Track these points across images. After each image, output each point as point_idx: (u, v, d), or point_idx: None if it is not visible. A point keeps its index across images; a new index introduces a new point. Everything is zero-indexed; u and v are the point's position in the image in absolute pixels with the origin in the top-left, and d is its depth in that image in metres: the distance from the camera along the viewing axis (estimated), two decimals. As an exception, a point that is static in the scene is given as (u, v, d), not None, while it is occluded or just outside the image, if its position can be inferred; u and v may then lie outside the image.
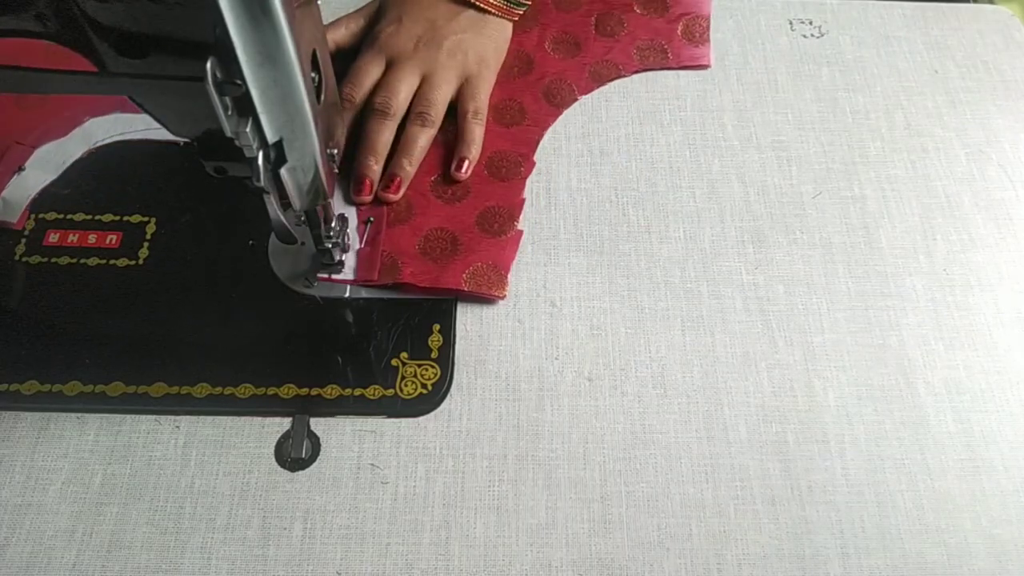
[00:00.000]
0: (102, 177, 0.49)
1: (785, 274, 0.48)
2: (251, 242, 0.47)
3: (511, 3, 0.54)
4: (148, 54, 0.29)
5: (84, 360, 0.43)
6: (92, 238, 0.47)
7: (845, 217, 0.50)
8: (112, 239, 0.47)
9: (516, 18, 0.55)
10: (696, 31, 0.57)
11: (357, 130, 0.50)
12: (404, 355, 0.44)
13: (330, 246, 0.44)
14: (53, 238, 0.47)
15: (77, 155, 0.50)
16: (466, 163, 0.50)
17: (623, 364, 0.45)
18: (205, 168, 0.34)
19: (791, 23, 0.59)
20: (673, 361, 0.45)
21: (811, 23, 0.59)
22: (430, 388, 0.44)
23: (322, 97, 0.34)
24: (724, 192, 0.51)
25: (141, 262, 0.46)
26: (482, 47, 0.53)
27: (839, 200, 0.51)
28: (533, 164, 0.51)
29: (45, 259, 0.46)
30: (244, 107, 0.30)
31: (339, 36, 0.54)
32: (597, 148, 0.53)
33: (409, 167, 0.49)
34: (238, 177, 0.34)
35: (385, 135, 0.49)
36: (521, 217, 0.49)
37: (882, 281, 0.48)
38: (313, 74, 0.33)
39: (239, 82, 0.28)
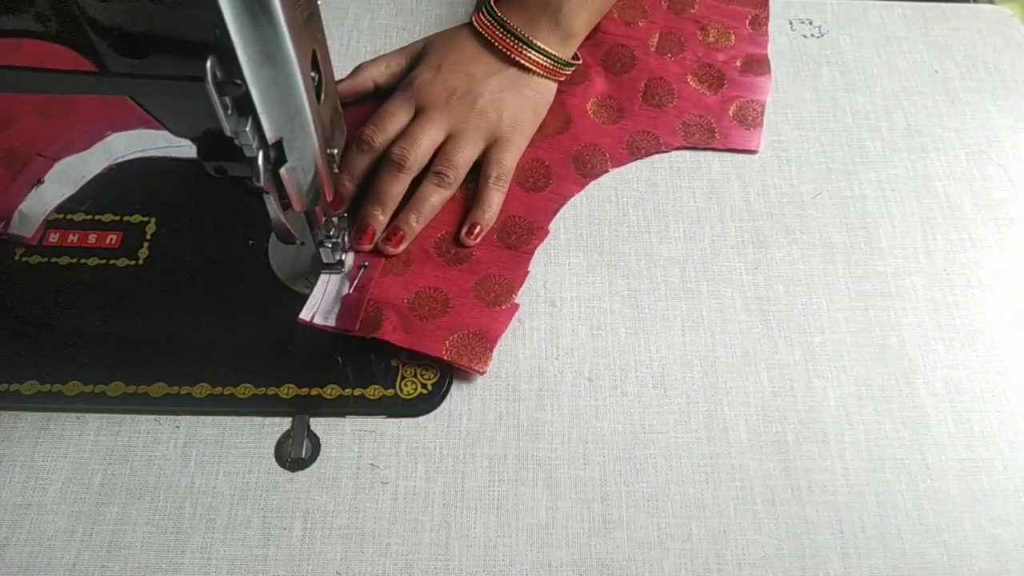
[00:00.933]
0: (118, 190, 0.49)
1: (785, 274, 0.48)
2: (251, 242, 0.47)
3: (558, 63, 0.51)
4: (148, 54, 0.29)
5: (84, 360, 0.43)
6: (92, 238, 0.47)
7: (845, 217, 0.50)
8: (112, 239, 0.47)
9: (563, 79, 0.52)
10: (749, 115, 0.54)
11: (370, 176, 0.48)
12: (404, 355, 0.44)
13: (330, 245, 0.44)
14: (53, 238, 0.47)
15: (97, 170, 0.49)
16: (477, 229, 0.47)
17: (623, 364, 0.45)
18: (205, 168, 0.34)
19: (791, 23, 0.59)
20: (673, 361, 0.45)
21: (811, 23, 0.59)
22: (430, 388, 0.44)
23: (322, 97, 0.34)
24: (724, 192, 0.51)
25: (141, 262, 0.46)
26: (519, 108, 0.50)
27: (839, 200, 0.51)
28: (546, 234, 0.49)
29: (45, 259, 0.46)
30: (244, 107, 0.30)
31: (378, 74, 0.52)
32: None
33: (416, 224, 0.47)
34: (238, 177, 0.34)
35: (396, 188, 0.47)
36: (521, 291, 0.47)
37: (882, 281, 0.48)
38: (313, 74, 0.33)
39: (239, 82, 0.28)
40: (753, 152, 0.52)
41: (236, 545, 0.40)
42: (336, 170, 0.39)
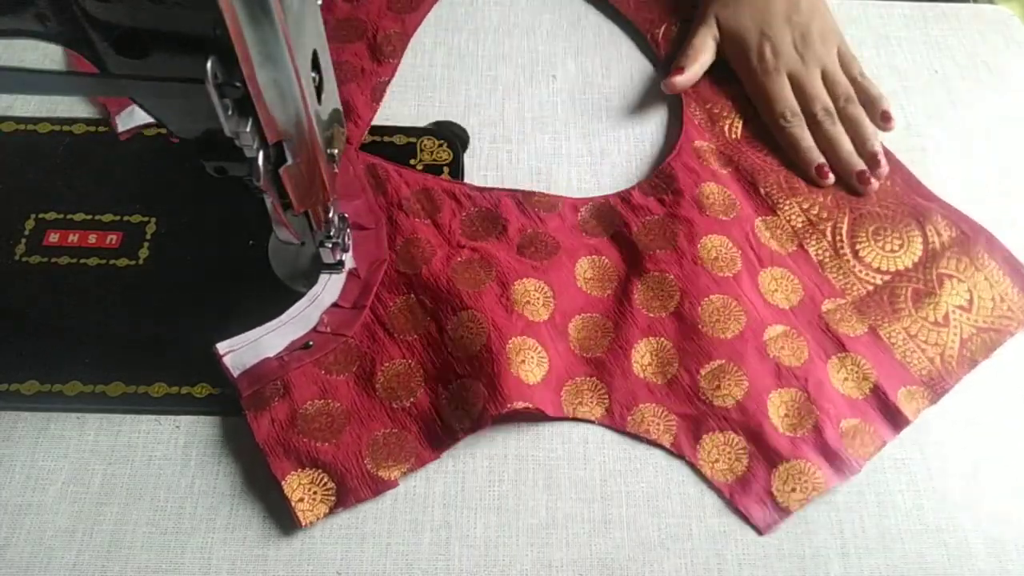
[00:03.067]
0: (118, 190, 0.49)
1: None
2: (251, 242, 0.47)
3: None
4: (148, 54, 0.29)
5: (84, 360, 0.43)
6: (92, 238, 0.47)
7: (845, 217, 0.50)
8: (112, 239, 0.47)
9: None
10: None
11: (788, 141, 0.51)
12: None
13: (330, 245, 0.44)
14: (53, 238, 0.47)
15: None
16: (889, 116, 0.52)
17: (623, 364, 0.45)
18: (205, 168, 0.34)
19: (791, 23, 0.59)
20: (673, 361, 0.45)
21: (811, 23, 0.59)
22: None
23: (322, 97, 0.35)
24: (724, 192, 0.51)
25: (141, 262, 0.46)
26: (825, 14, 0.54)
27: (839, 200, 0.51)
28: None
29: (45, 259, 0.46)
30: (244, 107, 0.30)
31: (704, 61, 0.54)
32: (597, 148, 0.53)
33: (877, 145, 0.51)
34: (238, 177, 0.34)
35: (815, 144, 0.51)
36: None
37: (882, 281, 0.48)
38: (313, 74, 0.33)
39: (238, 84, 0.28)
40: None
41: (236, 545, 0.40)
42: (336, 170, 0.39)
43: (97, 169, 0.49)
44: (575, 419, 0.43)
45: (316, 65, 0.33)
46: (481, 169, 0.52)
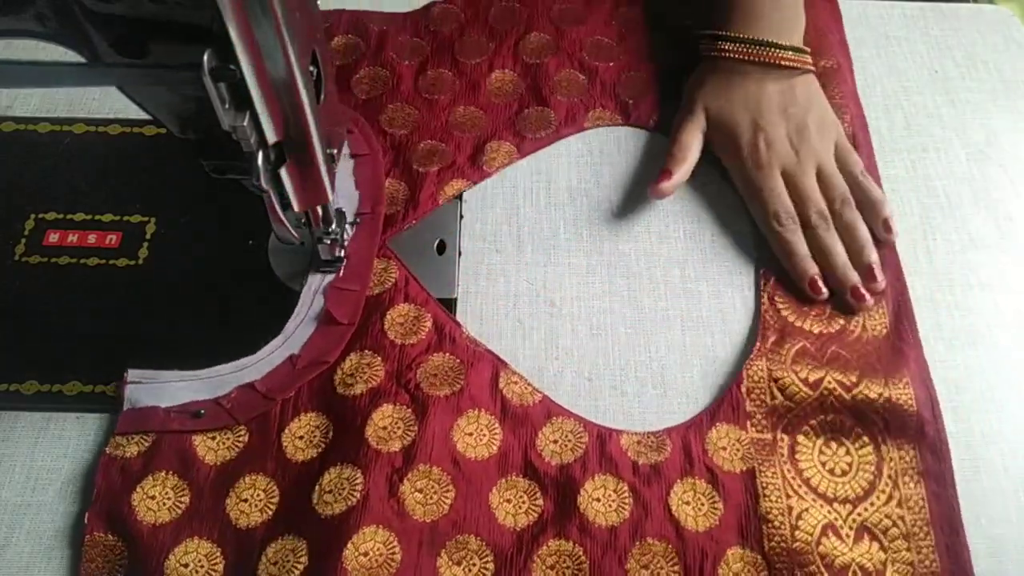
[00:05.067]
0: (118, 191, 0.49)
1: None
2: (251, 242, 0.47)
3: (802, 52, 0.51)
4: (148, 54, 0.29)
5: (84, 360, 0.43)
6: (92, 238, 0.47)
7: (845, 217, 0.50)
8: (112, 239, 0.47)
9: (813, 68, 0.51)
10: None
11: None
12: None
13: (328, 241, 0.44)
14: (53, 238, 0.47)
15: None
16: (891, 223, 0.48)
17: (623, 364, 0.45)
18: (205, 168, 0.34)
19: (791, 23, 0.59)
20: (673, 361, 0.45)
21: (811, 23, 0.59)
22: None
23: (322, 97, 0.34)
24: (725, 192, 0.51)
25: (141, 262, 0.46)
26: (821, 102, 0.51)
27: (839, 200, 0.51)
28: None
29: (45, 259, 0.46)
30: (241, 99, 0.29)
31: (691, 160, 0.50)
32: (597, 148, 0.53)
33: (874, 256, 0.47)
34: (238, 177, 0.34)
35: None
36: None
37: (882, 281, 0.48)
38: (312, 68, 0.33)
39: (232, 67, 0.28)
40: None
41: (236, 545, 0.39)
42: (336, 170, 0.39)
43: (97, 169, 0.49)
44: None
45: (315, 64, 0.33)
46: (481, 169, 0.52)
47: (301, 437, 0.41)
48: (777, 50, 0.49)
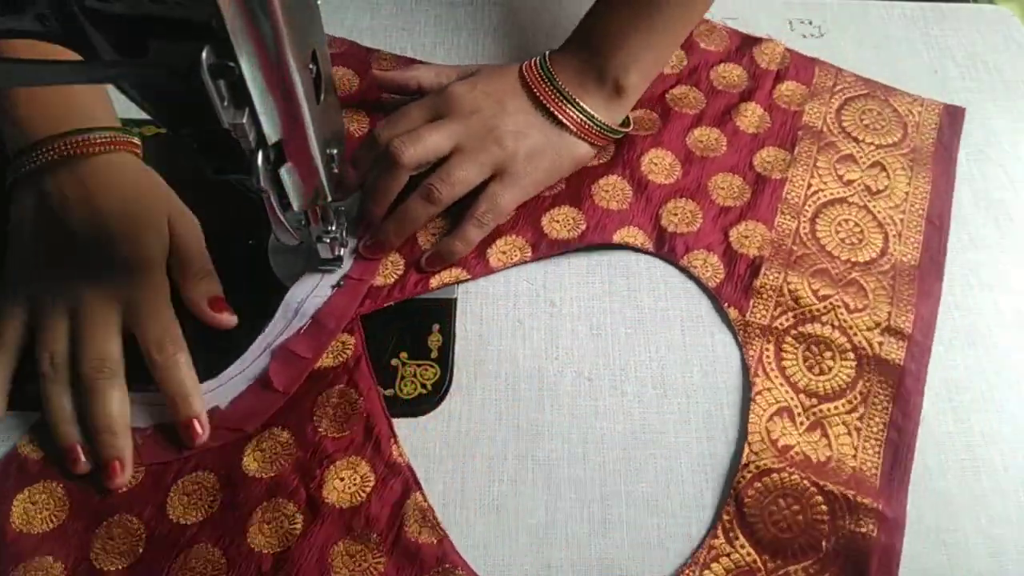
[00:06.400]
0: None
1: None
2: (251, 242, 0.47)
3: (598, 126, 0.48)
4: (148, 53, 0.29)
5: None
6: (92, 238, 0.47)
7: (845, 217, 0.50)
8: (112, 239, 0.47)
9: (603, 143, 0.50)
10: None
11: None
12: (404, 355, 0.44)
13: (327, 240, 0.44)
14: (53, 238, 0.47)
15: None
16: (440, 259, 0.46)
17: (623, 364, 0.45)
18: (205, 168, 0.33)
19: (791, 23, 0.59)
20: (673, 361, 0.45)
21: (811, 23, 0.59)
22: (429, 388, 0.44)
23: (322, 96, 0.34)
24: (724, 192, 0.51)
25: (141, 262, 0.46)
26: (539, 152, 0.47)
27: (839, 200, 0.51)
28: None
29: (45, 259, 0.46)
30: (240, 97, 0.29)
31: (424, 77, 0.50)
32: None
33: (394, 237, 0.46)
34: (237, 177, 0.34)
35: (391, 183, 0.45)
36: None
37: (882, 281, 0.48)
38: (311, 67, 0.33)
39: (232, 64, 0.28)
40: None
41: (236, 545, 0.39)
42: (336, 170, 0.39)
43: None
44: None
45: (315, 63, 0.33)
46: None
47: (188, 494, 0.40)
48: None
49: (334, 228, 0.44)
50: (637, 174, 0.50)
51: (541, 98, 0.48)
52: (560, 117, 0.48)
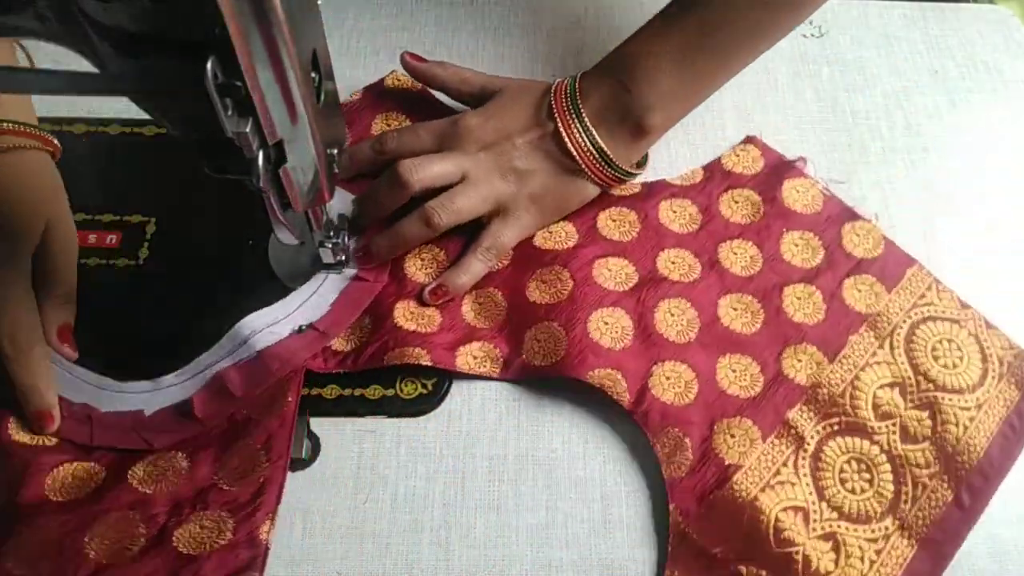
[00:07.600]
0: (118, 190, 0.48)
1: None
2: (251, 242, 0.47)
3: (612, 168, 0.46)
4: (148, 54, 0.29)
5: (84, 360, 0.43)
6: (92, 238, 0.47)
7: (845, 217, 0.50)
8: (112, 239, 0.47)
9: (613, 185, 0.48)
10: None
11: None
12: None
13: (330, 246, 0.44)
14: (53, 238, 0.47)
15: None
16: (444, 291, 0.45)
17: (623, 364, 0.45)
18: (205, 168, 0.33)
19: (791, 23, 0.59)
20: (673, 361, 0.45)
21: (811, 23, 0.59)
22: (430, 388, 0.44)
23: (322, 97, 0.34)
24: (724, 192, 0.51)
25: (141, 262, 0.46)
26: (545, 190, 0.46)
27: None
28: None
29: (45, 259, 0.46)
30: (244, 107, 0.29)
31: (450, 77, 0.50)
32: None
33: (385, 252, 0.45)
34: (238, 177, 0.34)
35: (389, 200, 0.45)
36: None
37: (882, 281, 0.48)
38: (313, 74, 0.33)
39: (239, 83, 0.28)
40: None
41: (236, 545, 0.39)
42: (336, 170, 0.39)
43: (97, 169, 0.49)
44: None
45: (316, 65, 0.33)
46: (481, 169, 0.51)
47: (76, 476, 0.39)
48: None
49: (335, 232, 0.44)
50: (645, 320, 0.45)
51: (560, 125, 0.46)
52: (572, 149, 0.46)
